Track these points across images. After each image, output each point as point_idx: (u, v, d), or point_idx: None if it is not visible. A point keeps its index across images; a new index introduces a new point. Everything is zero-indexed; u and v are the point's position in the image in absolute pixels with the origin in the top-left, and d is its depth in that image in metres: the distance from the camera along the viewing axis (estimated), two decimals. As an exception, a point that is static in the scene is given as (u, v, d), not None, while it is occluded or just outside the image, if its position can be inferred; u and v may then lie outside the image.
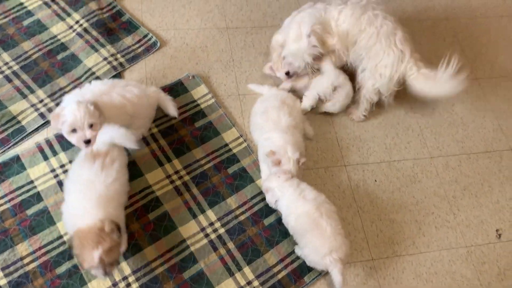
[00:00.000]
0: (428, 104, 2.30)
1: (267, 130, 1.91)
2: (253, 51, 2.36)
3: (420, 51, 2.01)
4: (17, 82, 2.06)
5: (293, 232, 1.75)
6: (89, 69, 2.12)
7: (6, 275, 1.65)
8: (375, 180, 2.05)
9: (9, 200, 1.79)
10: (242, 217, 1.86)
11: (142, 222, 1.79)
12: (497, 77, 2.47)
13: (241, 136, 2.05)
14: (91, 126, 1.65)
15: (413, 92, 1.99)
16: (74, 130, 1.66)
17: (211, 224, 1.82)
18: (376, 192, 2.01)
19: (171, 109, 2.00)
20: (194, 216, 1.83)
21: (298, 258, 1.79)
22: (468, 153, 2.18)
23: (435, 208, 2.01)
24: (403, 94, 2.24)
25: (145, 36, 2.29)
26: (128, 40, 2.26)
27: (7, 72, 2.09)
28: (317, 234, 1.65)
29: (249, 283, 1.73)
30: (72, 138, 1.67)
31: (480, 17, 2.70)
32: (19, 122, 1.96)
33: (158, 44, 2.27)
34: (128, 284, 1.67)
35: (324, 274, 1.77)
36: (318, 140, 2.11)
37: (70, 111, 1.62)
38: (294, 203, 1.70)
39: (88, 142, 1.66)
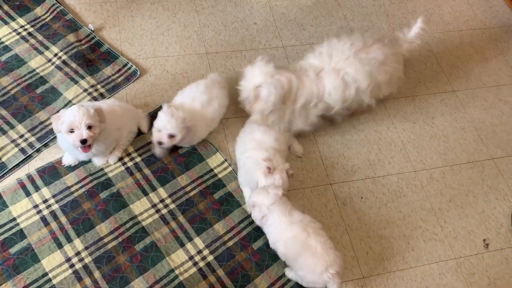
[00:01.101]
0: (408, 118, 2.33)
1: (250, 149, 1.91)
2: (234, 75, 2.37)
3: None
4: (-4, 118, 2.04)
5: (284, 258, 1.73)
6: (69, 101, 2.11)
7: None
8: (361, 197, 2.06)
9: (-9, 240, 1.75)
10: (230, 243, 1.84)
11: (129, 254, 1.77)
12: (473, 88, 2.52)
13: (226, 161, 2.05)
14: (89, 127, 1.71)
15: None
16: (72, 130, 1.70)
17: (200, 252, 1.81)
18: (363, 209, 2.02)
19: (144, 124, 2.08)
20: (182, 244, 1.81)
21: (289, 281, 1.78)
22: (451, 165, 2.21)
23: (422, 222, 2.02)
24: (383, 110, 2.28)
25: (125, 65, 2.29)
26: (107, 70, 2.26)
27: (-14, 109, 2.06)
28: (309, 254, 1.64)
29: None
30: (70, 138, 1.72)
31: (453, 30, 2.77)
32: (-1, 158, 1.94)
33: (138, 73, 2.28)
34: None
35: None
36: (302, 160, 2.12)
37: (70, 112, 1.70)
38: (281, 230, 1.69)
39: (84, 142, 1.71)
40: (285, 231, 1.67)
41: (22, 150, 1.96)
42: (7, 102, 2.09)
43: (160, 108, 2.15)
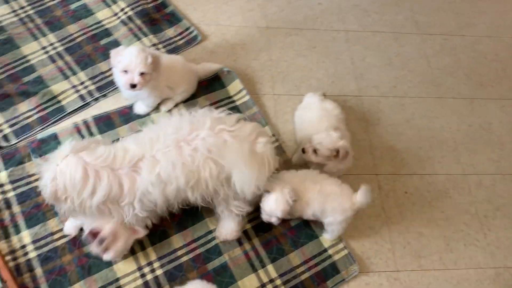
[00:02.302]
0: (464, 120, 2.26)
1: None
2: (292, 52, 2.36)
3: (459, 67, 1.98)
4: (60, 63, 2.11)
5: (316, 217, 1.74)
6: (131, 56, 2.16)
7: (36, 249, 1.68)
8: (406, 192, 2.02)
9: (44, 176, 1.83)
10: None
11: (200, 273, 1.72)
12: (537, 99, 2.41)
13: (274, 135, 2.05)
14: (142, 74, 1.72)
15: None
16: (125, 71, 1.72)
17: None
18: (406, 204, 1.99)
19: (213, 65, 2.13)
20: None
21: (323, 261, 1.78)
22: (503, 174, 2.13)
23: (465, 226, 1.97)
24: (439, 108, 2.22)
25: (187, 29, 2.31)
26: (170, 32, 2.29)
27: (52, 52, 2.14)
28: (332, 199, 1.66)
29: (271, 281, 1.72)
30: (122, 78, 1.74)
31: (524, 37, 2.65)
32: (59, 102, 2.01)
33: (199, 38, 2.30)
34: None
35: (348, 280, 1.75)
36: (351, 146, 2.09)
37: (129, 53, 1.71)
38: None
39: (133, 86, 1.73)
40: (304, 195, 1.68)
41: (81, 97, 2.03)
42: (72, 49, 2.16)
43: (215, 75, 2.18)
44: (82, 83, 2.07)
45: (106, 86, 2.07)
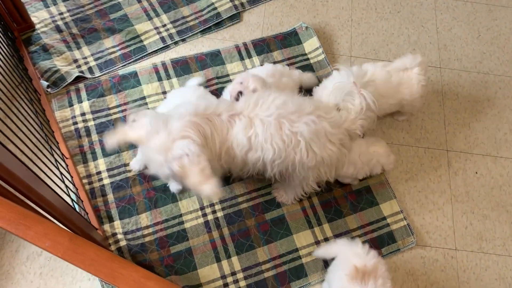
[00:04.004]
0: (553, 106, 2.11)
1: None
2: (374, 15, 2.27)
3: None
4: (145, 3, 2.17)
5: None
6: (212, 3, 2.18)
7: (110, 176, 1.80)
8: (476, 172, 1.94)
9: (122, 111, 1.93)
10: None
11: (257, 221, 1.77)
12: None
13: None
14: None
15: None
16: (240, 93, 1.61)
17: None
18: (474, 185, 1.91)
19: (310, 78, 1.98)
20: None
21: (379, 228, 1.77)
22: None
23: (535, 216, 1.88)
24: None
25: (270, -20, 2.28)
26: (253, -18, 2.27)
27: (138, -8, 2.20)
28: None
29: (326, 239, 1.75)
30: (234, 85, 1.63)
31: None
32: (141, 41, 2.08)
33: (281, -9, 2.26)
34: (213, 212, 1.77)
35: (402, 250, 1.75)
36: (424, 118, 2.02)
37: (252, 81, 1.61)
38: None
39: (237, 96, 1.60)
40: None
41: (162, 39, 2.09)
42: (157, -9, 2.21)
43: (293, 30, 2.15)
44: (164, 25, 2.12)
45: (186, 30, 2.11)
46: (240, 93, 1.58)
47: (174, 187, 1.77)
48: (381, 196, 1.83)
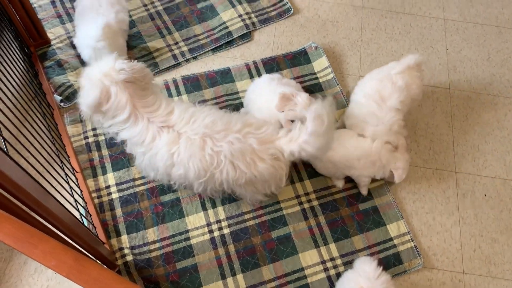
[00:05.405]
0: None
1: None
2: (384, 35, 2.29)
3: None
4: (158, 21, 2.22)
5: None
6: (224, 22, 2.22)
7: (119, 191, 1.82)
8: (485, 195, 1.93)
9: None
10: (337, 196, 1.86)
11: (263, 239, 1.77)
12: None
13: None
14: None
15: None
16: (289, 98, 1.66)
17: (307, 194, 1.85)
18: (483, 207, 1.90)
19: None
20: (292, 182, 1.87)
21: (386, 249, 1.76)
22: None
23: (545, 240, 1.85)
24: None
25: (281, 1, 2.32)
26: (264, 2, 2.31)
27: (152, 10, 2.25)
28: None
29: (332, 259, 1.74)
30: (280, 100, 1.66)
31: None
32: (153, 58, 2.12)
33: (292, 11, 2.30)
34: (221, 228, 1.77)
35: (409, 272, 1.73)
36: (433, 139, 2.02)
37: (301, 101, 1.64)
38: None
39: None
40: None
41: (174, 57, 2.13)
42: (171, 9, 2.26)
43: (303, 49, 2.17)
44: (176, 43, 2.16)
45: (198, 48, 2.15)
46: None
47: None
48: (388, 216, 1.83)
